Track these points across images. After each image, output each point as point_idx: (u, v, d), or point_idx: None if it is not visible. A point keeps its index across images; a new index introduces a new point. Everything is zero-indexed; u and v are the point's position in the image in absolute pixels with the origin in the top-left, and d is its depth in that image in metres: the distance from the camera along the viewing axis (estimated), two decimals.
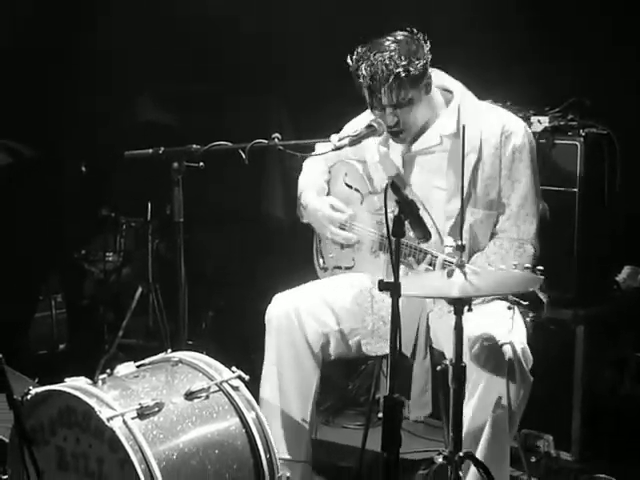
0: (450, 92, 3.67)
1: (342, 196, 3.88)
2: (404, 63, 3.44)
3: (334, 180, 3.95)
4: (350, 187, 3.86)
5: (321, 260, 4.00)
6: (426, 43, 3.52)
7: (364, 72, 3.47)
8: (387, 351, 3.05)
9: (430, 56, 3.53)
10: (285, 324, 3.66)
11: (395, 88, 3.46)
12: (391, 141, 3.72)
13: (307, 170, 4.02)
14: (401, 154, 3.70)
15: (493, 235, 3.61)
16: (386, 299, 3.45)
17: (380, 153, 3.74)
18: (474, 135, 3.53)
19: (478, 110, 3.64)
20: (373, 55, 3.46)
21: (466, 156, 3.43)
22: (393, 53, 3.45)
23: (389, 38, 3.51)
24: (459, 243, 3.04)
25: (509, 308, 3.36)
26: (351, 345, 3.72)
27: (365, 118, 3.75)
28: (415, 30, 3.54)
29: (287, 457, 3.64)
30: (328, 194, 3.95)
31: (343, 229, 3.82)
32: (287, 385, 3.66)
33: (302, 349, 3.66)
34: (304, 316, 3.65)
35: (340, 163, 3.90)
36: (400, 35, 3.52)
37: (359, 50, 3.52)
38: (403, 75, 3.44)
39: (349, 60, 3.54)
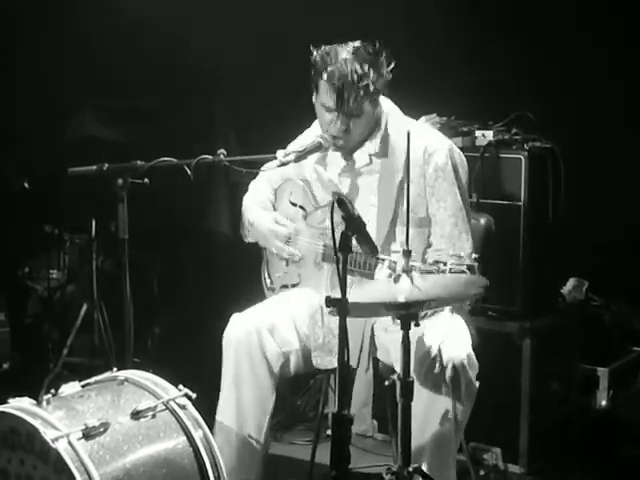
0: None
1: (287, 215, 3.87)
2: (372, 76, 3.45)
3: (279, 200, 3.94)
4: (294, 205, 3.86)
5: (268, 281, 3.97)
6: (390, 61, 3.51)
7: (333, 72, 3.44)
8: (336, 365, 3.04)
9: (390, 76, 3.53)
10: (245, 345, 3.60)
11: (357, 97, 3.45)
12: (328, 160, 3.74)
13: (252, 190, 4.01)
14: (337, 174, 3.71)
15: (427, 250, 3.60)
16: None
17: (317, 172, 3.75)
18: (400, 155, 3.54)
19: (404, 129, 3.62)
20: (344, 59, 3.44)
21: (393, 176, 3.46)
22: (364, 63, 3.44)
23: (358, 45, 3.49)
24: (405, 249, 3.03)
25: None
26: (309, 361, 3.68)
27: (310, 134, 3.76)
28: (380, 44, 3.51)
29: None
30: None
31: (288, 244, 3.82)
32: (245, 406, 3.62)
33: (262, 370, 3.61)
34: (265, 336, 3.60)
35: (285, 183, 3.90)
36: (370, 46, 3.50)
37: (328, 49, 3.50)
38: (371, 89, 3.45)
39: (314, 55, 3.51)
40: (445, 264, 3.07)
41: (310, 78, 3.57)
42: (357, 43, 3.51)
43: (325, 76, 3.46)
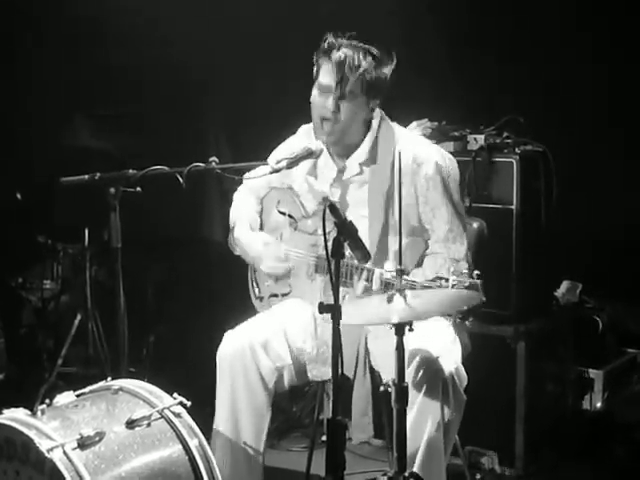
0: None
1: (276, 224, 3.86)
2: (371, 67, 3.50)
3: (267, 210, 3.94)
4: (283, 214, 3.85)
5: (257, 289, 3.96)
6: (393, 69, 3.57)
7: (340, 52, 3.51)
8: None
9: (388, 80, 3.57)
10: (239, 363, 3.60)
11: (354, 79, 3.49)
12: (319, 171, 3.74)
13: (238, 202, 4.01)
14: (329, 184, 3.72)
15: (423, 258, 3.61)
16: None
17: (309, 183, 3.74)
18: (389, 163, 3.56)
19: (393, 138, 3.65)
20: (353, 47, 3.52)
21: (381, 184, 3.47)
22: (368, 56, 3.51)
23: (369, 47, 3.56)
24: (399, 267, 3.04)
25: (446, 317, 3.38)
26: (302, 374, 3.69)
27: (295, 141, 3.77)
28: (392, 53, 3.59)
29: None
30: (261, 225, 3.95)
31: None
32: (242, 421, 3.62)
33: (257, 387, 3.61)
34: (259, 353, 3.61)
35: (272, 192, 3.90)
36: (376, 49, 3.56)
37: (341, 39, 3.57)
38: (368, 77, 3.50)
39: (327, 39, 3.57)
40: (447, 280, 3.08)
41: (315, 59, 3.61)
42: (368, 45, 3.58)
43: (332, 55, 3.52)
